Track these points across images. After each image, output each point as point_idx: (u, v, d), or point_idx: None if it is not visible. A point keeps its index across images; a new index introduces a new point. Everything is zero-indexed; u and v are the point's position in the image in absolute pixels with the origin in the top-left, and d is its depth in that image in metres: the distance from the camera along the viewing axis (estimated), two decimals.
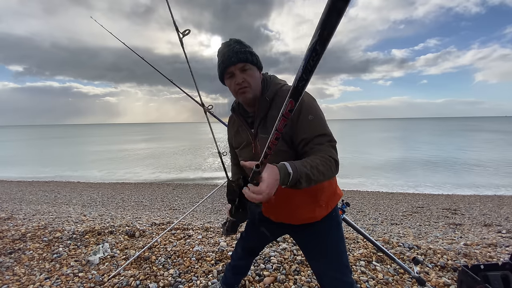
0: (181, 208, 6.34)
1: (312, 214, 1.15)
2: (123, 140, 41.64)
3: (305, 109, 1.03)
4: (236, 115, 1.22)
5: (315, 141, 1.00)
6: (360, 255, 2.22)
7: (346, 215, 1.65)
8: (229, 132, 1.35)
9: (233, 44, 1.09)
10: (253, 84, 1.09)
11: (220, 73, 1.13)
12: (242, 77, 1.07)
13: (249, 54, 1.08)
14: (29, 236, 2.60)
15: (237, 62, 1.06)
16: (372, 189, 9.23)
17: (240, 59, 1.06)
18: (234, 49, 1.07)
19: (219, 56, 1.12)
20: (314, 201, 1.14)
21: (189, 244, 2.44)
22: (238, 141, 1.24)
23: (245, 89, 1.08)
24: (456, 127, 64.77)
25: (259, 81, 1.13)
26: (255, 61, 1.10)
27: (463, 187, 9.37)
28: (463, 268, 1.53)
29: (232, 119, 1.30)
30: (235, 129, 1.27)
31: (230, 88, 1.12)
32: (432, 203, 6.69)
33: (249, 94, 1.09)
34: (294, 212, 1.17)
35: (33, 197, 7.34)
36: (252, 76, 1.09)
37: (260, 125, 1.12)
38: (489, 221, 4.81)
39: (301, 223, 1.20)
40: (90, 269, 2.08)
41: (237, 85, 1.08)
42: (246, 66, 1.07)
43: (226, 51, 1.08)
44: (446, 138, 33.58)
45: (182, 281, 1.89)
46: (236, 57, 1.06)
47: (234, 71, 1.07)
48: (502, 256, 2.36)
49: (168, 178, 12.14)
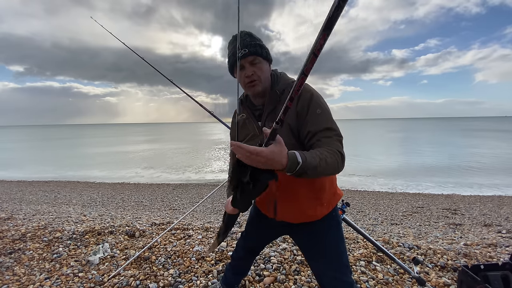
0: (181, 208, 6.34)
1: (314, 212, 1.16)
2: (124, 141, 41.62)
3: (313, 103, 1.05)
4: (243, 107, 1.22)
5: (322, 134, 1.00)
6: (360, 255, 2.22)
7: (346, 215, 1.65)
8: (233, 125, 1.34)
9: (244, 36, 1.10)
10: (262, 78, 1.10)
11: (230, 65, 1.14)
12: (252, 70, 1.08)
13: (259, 47, 1.09)
14: (29, 236, 2.60)
15: (247, 56, 1.07)
16: (372, 189, 9.23)
17: (251, 52, 1.07)
18: (245, 42, 1.08)
19: (230, 48, 1.13)
20: (316, 198, 1.14)
21: (189, 244, 2.44)
22: (244, 134, 1.24)
23: (254, 82, 1.09)
24: (457, 127, 64.81)
25: (269, 74, 1.14)
26: (265, 55, 1.11)
27: (463, 187, 9.37)
28: (463, 268, 1.53)
29: (240, 113, 1.30)
30: (241, 121, 1.26)
31: (240, 80, 1.12)
32: (432, 203, 6.69)
33: (259, 87, 1.10)
34: (296, 209, 1.16)
35: (33, 197, 7.34)
36: (261, 69, 1.10)
37: (268, 117, 1.12)
38: (489, 221, 4.81)
39: (301, 222, 1.19)
40: (90, 269, 2.08)
41: (246, 77, 1.09)
42: (256, 59, 1.09)
43: (236, 43, 1.09)
44: (446, 138, 33.58)
45: (182, 281, 1.89)
46: (246, 50, 1.07)
47: (244, 64, 1.08)
48: (502, 256, 2.36)
49: (168, 178, 12.14)
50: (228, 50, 1.14)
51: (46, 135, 69.81)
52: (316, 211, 1.16)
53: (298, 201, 1.15)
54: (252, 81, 1.09)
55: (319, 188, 1.14)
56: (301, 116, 1.05)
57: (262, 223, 1.33)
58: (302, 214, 1.17)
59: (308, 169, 0.86)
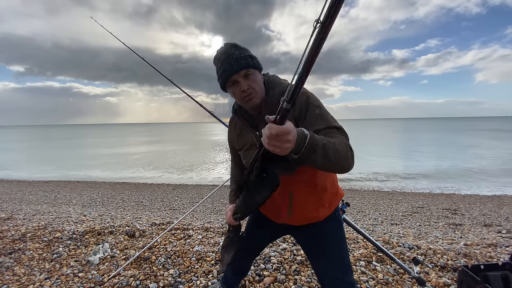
0: (181, 208, 6.34)
1: (316, 214, 1.15)
2: (125, 141, 41.60)
3: (311, 105, 1.02)
4: (238, 117, 1.20)
5: (326, 131, 0.97)
6: (360, 255, 2.22)
7: (346, 215, 1.65)
8: (230, 134, 1.32)
9: (231, 49, 1.06)
10: (258, 89, 1.07)
11: (222, 82, 1.09)
12: (247, 84, 1.04)
13: (250, 58, 1.05)
14: (29, 236, 2.60)
15: (239, 70, 1.03)
16: (372, 189, 9.23)
17: (242, 65, 1.03)
18: (234, 56, 1.04)
19: (218, 64, 1.08)
20: (318, 200, 1.14)
21: (189, 244, 2.44)
22: (241, 143, 1.22)
23: (251, 95, 1.06)
24: (457, 127, 64.78)
25: (262, 83, 1.11)
26: (256, 65, 1.07)
27: (463, 187, 9.37)
28: (463, 268, 1.52)
29: (234, 120, 1.28)
30: (237, 131, 1.25)
31: (235, 96, 1.10)
32: (432, 203, 6.69)
33: (256, 99, 1.07)
34: (299, 212, 1.16)
35: (33, 197, 7.34)
36: (255, 81, 1.07)
37: None
38: (489, 221, 4.81)
39: (303, 224, 1.19)
40: (90, 269, 2.08)
41: (243, 92, 1.05)
42: (249, 71, 1.05)
43: (225, 58, 1.05)
44: (445, 137, 33.57)
45: (182, 281, 1.89)
46: (237, 64, 1.03)
47: (237, 78, 1.04)
48: (502, 256, 2.36)
49: (169, 178, 12.14)
50: (217, 67, 1.09)
51: (47, 135, 69.81)
52: (318, 213, 1.15)
53: (301, 203, 1.14)
54: (248, 95, 1.06)
55: (321, 189, 1.13)
56: (300, 120, 1.02)
57: (262, 225, 1.33)
58: (304, 217, 1.17)
59: (316, 146, 0.79)
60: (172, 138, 48.25)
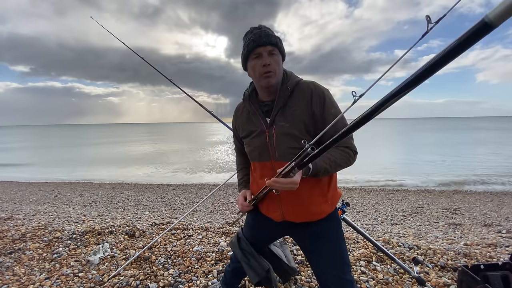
0: (181, 208, 6.34)
1: (318, 209, 1.16)
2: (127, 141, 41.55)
3: (327, 103, 1.09)
4: (249, 102, 1.20)
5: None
6: (360, 255, 2.22)
7: (346, 215, 1.65)
8: (235, 121, 1.31)
9: (264, 27, 1.11)
10: (277, 71, 1.10)
11: (246, 52, 1.10)
12: (269, 60, 1.07)
13: (279, 40, 1.10)
14: (29, 236, 2.60)
15: (267, 44, 1.07)
16: (372, 189, 9.23)
17: (271, 41, 1.07)
18: (266, 31, 1.08)
19: (249, 35, 1.10)
20: (320, 194, 1.15)
21: (189, 244, 2.44)
22: (248, 129, 1.21)
23: (270, 73, 1.08)
24: (457, 127, 64.77)
25: (281, 70, 1.14)
26: (282, 49, 1.12)
27: (463, 187, 9.37)
28: (463, 268, 1.53)
29: (241, 107, 1.28)
30: (244, 117, 1.24)
31: (255, 70, 1.11)
32: (432, 203, 6.69)
33: (273, 79, 1.09)
34: (301, 207, 1.15)
35: (33, 197, 7.35)
36: (277, 62, 1.10)
37: (278, 113, 1.12)
38: (489, 221, 4.81)
39: (305, 221, 1.19)
40: (90, 269, 2.08)
41: (263, 66, 1.07)
42: (275, 50, 1.09)
43: (256, 31, 1.09)
44: (445, 137, 33.57)
45: (182, 281, 1.89)
46: (267, 38, 1.07)
47: (262, 52, 1.07)
48: (502, 256, 2.36)
49: (168, 178, 12.13)
50: (246, 39, 1.11)
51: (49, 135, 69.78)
52: (320, 208, 1.15)
53: (302, 198, 1.14)
54: (268, 72, 1.07)
55: (322, 184, 1.15)
56: (316, 115, 1.08)
57: (262, 225, 1.33)
58: (306, 212, 1.16)
59: (318, 171, 1.00)
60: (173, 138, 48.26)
